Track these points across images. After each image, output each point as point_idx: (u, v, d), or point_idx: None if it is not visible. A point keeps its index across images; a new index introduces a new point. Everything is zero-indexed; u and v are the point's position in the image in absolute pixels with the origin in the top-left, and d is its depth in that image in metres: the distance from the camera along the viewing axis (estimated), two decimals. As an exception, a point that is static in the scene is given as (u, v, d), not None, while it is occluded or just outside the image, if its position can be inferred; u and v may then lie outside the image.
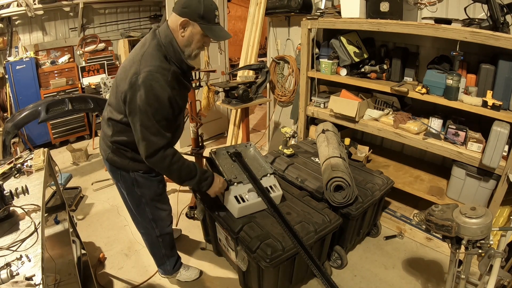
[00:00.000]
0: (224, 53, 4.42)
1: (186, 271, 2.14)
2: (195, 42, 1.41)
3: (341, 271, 2.22)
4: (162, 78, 1.34)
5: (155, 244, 1.95)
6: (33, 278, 1.02)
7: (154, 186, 1.72)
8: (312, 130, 3.02)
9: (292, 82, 3.51)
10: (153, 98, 1.33)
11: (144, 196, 1.72)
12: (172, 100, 1.39)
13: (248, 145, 2.18)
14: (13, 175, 1.68)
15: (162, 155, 1.41)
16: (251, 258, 1.71)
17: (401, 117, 2.43)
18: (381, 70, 2.57)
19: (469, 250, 1.32)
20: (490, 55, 2.12)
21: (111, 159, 1.63)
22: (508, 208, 2.17)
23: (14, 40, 4.11)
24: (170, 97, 1.37)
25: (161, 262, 2.05)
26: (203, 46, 1.44)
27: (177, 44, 1.40)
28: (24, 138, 3.86)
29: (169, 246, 1.99)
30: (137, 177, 1.65)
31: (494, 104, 1.93)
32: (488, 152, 1.94)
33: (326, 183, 2.02)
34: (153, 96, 1.33)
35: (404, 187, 2.51)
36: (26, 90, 3.99)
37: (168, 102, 1.37)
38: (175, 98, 1.42)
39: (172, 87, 1.38)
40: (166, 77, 1.35)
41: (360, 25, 2.40)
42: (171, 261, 2.05)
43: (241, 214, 1.88)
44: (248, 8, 3.52)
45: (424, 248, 2.42)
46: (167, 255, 2.01)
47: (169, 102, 1.38)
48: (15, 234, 1.24)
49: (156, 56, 1.37)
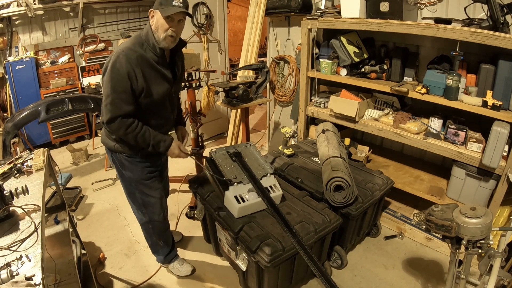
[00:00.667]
0: (224, 53, 4.42)
1: (180, 266, 2.18)
2: (160, 27, 1.55)
3: (341, 271, 2.22)
4: (125, 57, 1.51)
5: (146, 230, 2.05)
6: (33, 278, 1.02)
7: (138, 170, 1.81)
8: (312, 130, 3.02)
9: (292, 82, 3.51)
10: (115, 72, 1.51)
11: (131, 180, 1.84)
12: (132, 77, 1.53)
13: (248, 145, 2.18)
14: (13, 175, 1.67)
15: (119, 124, 1.57)
16: (251, 258, 1.71)
17: (401, 117, 2.43)
18: (381, 70, 2.57)
19: (469, 250, 1.32)
20: (490, 55, 2.12)
21: (103, 141, 1.81)
22: (508, 208, 2.17)
23: (14, 40, 4.10)
24: (130, 73, 1.52)
25: (155, 250, 2.15)
26: (170, 29, 1.55)
27: (152, 33, 1.59)
28: (24, 138, 3.86)
29: (160, 235, 2.05)
30: (122, 159, 1.79)
31: (494, 104, 1.93)
32: (488, 152, 1.94)
33: (326, 183, 2.03)
34: (115, 70, 1.51)
35: (404, 187, 2.51)
36: (26, 90, 3.99)
37: (127, 77, 1.52)
38: (137, 77, 1.54)
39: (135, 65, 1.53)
40: (129, 56, 1.52)
41: (360, 25, 2.40)
42: (164, 251, 2.12)
43: (241, 214, 1.88)
44: (248, 8, 3.52)
45: (424, 248, 2.42)
46: (159, 244, 2.08)
47: (128, 78, 1.52)
48: (15, 234, 1.24)
49: (130, 42, 1.58)
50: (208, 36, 4.13)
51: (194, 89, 2.73)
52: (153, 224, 1.99)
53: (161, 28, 1.55)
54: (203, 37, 4.06)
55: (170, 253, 2.16)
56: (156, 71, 1.62)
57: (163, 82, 1.66)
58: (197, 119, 2.76)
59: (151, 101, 1.65)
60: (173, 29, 1.55)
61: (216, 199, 2.05)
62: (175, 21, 1.55)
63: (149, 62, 1.58)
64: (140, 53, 1.55)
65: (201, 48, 4.08)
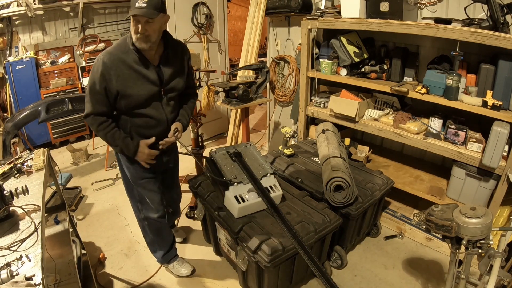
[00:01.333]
0: (224, 53, 4.42)
1: (179, 265, 2.20)
2: (131, 28, 1.57)
3: (341, 271, 2.22)
4: (102, 60, 1.58)
5: (143, 227, 2.10)
6: (33, 278, 1.02)
7: (133, 169, 1.86)
8: (312, 130, 3.02)
9: (292, 82, 3.51)
10: (93, 74, 1.61)
11: (129, 175, 1.91)
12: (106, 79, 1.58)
13: (248, 145, 2.18)
14: (13, 175, 1.68)
15: (92, 120, 1.67)
16: (251, 258, 1.71)
17: (401, 117, 2.43)
18: (381, 70, 2.57)
19: (469, 250, 1.32)
20: (490, 55, 2.12)
21: None
22: (508, 208, 2.17)
23: (14, 40, 4.10)
24: (104, 76, 1.58)
25: (153, 249, 2.19)
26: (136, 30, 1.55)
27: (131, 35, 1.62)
28: (24, 138, 3.86)
29: (156, 233, 2.07)
30: (120, 155, 1.88)
31: (494, 104, 1.93)
32: (488, 152, 1.94)
33: (326, 183, 2.03)
34: (93, 73, 1.61)
35: (404, 187, 2.51)
36: (26, 90, 3.99)
37: (101, 80, 1.58)
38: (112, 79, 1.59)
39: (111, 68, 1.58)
40: (105, 60, 1.58)
41: (360, 25, 2.40)
42: (161, 250, 2.14)
43: (241, 214, 1.88)
44: (248, 8, 3.52)
45: (424, 248, 2.42)
46: (157, 243, 2.12)
47: (102, 80, 1.58)
48: (15, 234, 1.24)
49: (113, 45, 1.66)
50: (208, 36, 4.13)
51: (194, 89, 2.73)
52: (149, 222, 2.02)
53: (132, 30, 1.56)
54: (203, 37, 4.06)
55: (168, 253, 2.16)
56: (136, 72, 1.62)
57: (145, 83, 1.65)
58: (197, 119, 2.76)
59: (131, 102, 1.67)
60: (140, 30, 1.53)
61: (216, 199, 2.05)
62: (141, 22, 1.52)
63: (127, 64, 1.60)
64: (118, 56, 1.59)
65: (201, 48, 4.08)
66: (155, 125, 1.78)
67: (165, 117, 1.79)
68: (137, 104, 1.68)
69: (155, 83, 1.68)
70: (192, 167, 3.13)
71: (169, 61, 1.73)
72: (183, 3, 3.79)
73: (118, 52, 1.60)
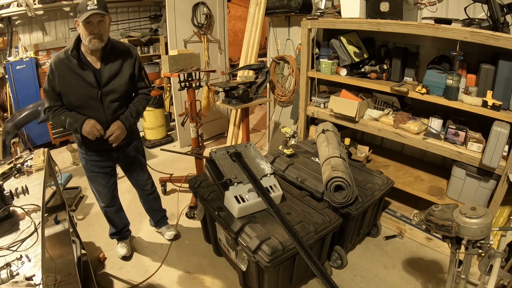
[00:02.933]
0: (224, 53, 4.43)
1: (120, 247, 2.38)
2: (83, 33, 1.70)
3: (341, 271, 2.22)
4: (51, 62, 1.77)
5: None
6: (33, 278, 1.02)
7: (84, 162, 2.07)
8: (312, 130, 3.02)
9: (292, 82, 3.51)
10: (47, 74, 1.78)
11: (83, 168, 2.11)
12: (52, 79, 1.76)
13: (248, 145, 2.18)
14: (13, 175, 1.67)
15: (47, 114, 1.86)
16: (251, 258, 1.71)
17: (401, 117, 2.43)
18: (381, 70, 2.57)
19: (469, 250, 1.32)
20: (490, 55, 2.11)
21: None
22: (508, 208, 2.17)
23: (14, 40, 4.10)
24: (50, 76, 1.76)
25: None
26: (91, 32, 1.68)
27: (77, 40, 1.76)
28: (24, 138, 3.86)
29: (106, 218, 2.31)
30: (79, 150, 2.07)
31: (494, 104, 1.92)
32: (488, 152, 1.94)
33: (326, 183, 2.03)
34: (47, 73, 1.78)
35: (404, 187, 2.51)
36: (26, 90, 3.99)
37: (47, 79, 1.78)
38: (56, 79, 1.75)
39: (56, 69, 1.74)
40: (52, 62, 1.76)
41: (360, 25, 2.40)
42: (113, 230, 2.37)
43: (241, 214, 1.88)
44: (248, 8, 3.52)
45: (424, 248, 2.42)
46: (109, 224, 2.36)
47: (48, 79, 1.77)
48: (15, 234, 1.24)
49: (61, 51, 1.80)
50: (208, 36, 4.13)
51: (194, 89, 2.73)
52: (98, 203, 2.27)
53: (84, 33, 1.69)
54: (203, 37, 4.06)
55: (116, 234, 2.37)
56: (76, 74, 1.76)
57: (83, 85, 1.77)
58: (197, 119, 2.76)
59: (71, 102, 1.81)
60: (94, 31, 1.68)
61: (216, 199, 2.05)
62: (94, 23, 1.67)
63: (69, 67, 1.74)
64: (62, 58, 1.74)
65: (201, 48, 4.08)
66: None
67: (104, 119, 1.87)
68: (77, 105, 1.82)
69: (93, 85, 1.79)
70: (192, 167, 3.13)
71: (110, 64, 1.83)
72: (183, 3, 3.79)
73: (63, 55, 1.75)
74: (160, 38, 4.98)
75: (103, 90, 1.82)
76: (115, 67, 1.84)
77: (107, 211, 2.26)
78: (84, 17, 1.62)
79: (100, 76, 1.81)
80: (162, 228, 2.56)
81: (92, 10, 1.63)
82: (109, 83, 1.84)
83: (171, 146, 4.40)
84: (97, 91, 1.81)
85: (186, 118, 2.80)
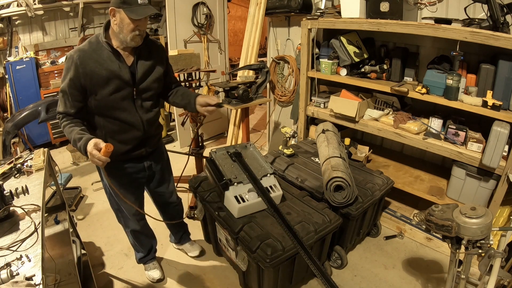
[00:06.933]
0: (224, 53, 4.43)
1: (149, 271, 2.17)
2: (126, 27, 1.46)
3: (341, 271, 2.22)
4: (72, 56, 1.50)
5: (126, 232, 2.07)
6: (33, 278, 1.02)
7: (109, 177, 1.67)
8: (312, 130, 3.02)
9: (292, 82, 3.51)
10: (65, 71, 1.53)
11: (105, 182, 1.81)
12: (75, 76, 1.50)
13: (248, 145, 2.18)
14: (13, 175, 1.68)
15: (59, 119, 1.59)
16: (251, 258, 1.71)
17: (401, 117, 2.43)
18: (381, 70, 2.57)
19: (469, 250, 1.32)
20: (490, 55, 2.11)
21: None
22: (508, 208, 2.17)
23: (14, 40, 4.11)
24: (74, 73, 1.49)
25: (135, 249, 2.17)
26: (137, 28, 1.47)
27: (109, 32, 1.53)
28: (24, 138, 3.85)
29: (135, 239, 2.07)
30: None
31: (494, 104, 1.92)
32: (488, 152, 1.94)
33: (326, 183, 2.02)
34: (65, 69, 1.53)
35: (404, 187, 2.51)
36: (26, 90, 3.99)
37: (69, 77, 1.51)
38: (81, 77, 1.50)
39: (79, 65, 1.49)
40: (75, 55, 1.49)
41: (360, 25, 2.39)
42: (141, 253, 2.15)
43: (241, 214, 1.88)
44: (248, 8, 3.52)
45: (424, 248, 2.42)
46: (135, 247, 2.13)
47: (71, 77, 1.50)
48: (15, 234, 1.24)
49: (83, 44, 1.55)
50: (208, 36, 4.13)
51: (194, 89, 2.73)
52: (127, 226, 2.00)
53: (127, 28, 1.46)
54: (203, 37, 4.06)
55: (146, 257, 2.16)
56: (107, 71, 1.52)
57: (117, 82, 1.55)
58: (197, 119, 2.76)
59: (100, 103, 1.57)
60: (141, 28, 1.48)
61: (216, 199, 2.05)
62: (142, 19, 1.46)
63: (97, 61, 1.51)
64: (90, 53, 1.50)
65: (201, 48, 4.08)
66: (129, 129, 1.66)
67: (139, 120, 1.67)
68: (107, 105, 1.58)
69: (128, 82, 1.58)
70: (192, 167, 3.13)
71: (143, 60, 1.63)
72: (183, 3, 3.79)
73: (90, 49, 1.51)
74: (160, 38, 4.98)
75: (138, 88, 1.62)
76: (148, 63, 1.65)
77: (141, 233, 2.02)
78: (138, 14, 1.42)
79: (135, 72, 1.60)
80: (185, 245, 2.37)
81: (144, 6, 1.44)
82: (144, 80, 1.64)
83: (171, 146, 4.40)
84: (131, 90, 1.60)
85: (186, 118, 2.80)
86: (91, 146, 1.41)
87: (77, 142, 1.48)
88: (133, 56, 1.60)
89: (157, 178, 1.94)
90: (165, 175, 2.00)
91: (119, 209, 1.92)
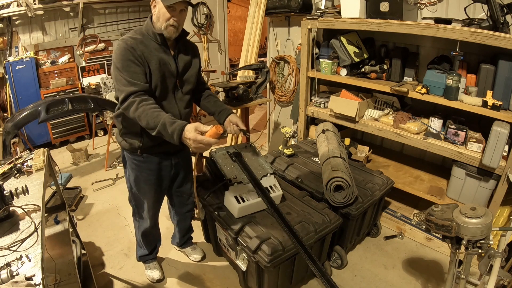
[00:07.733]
0: (224, 53, 4.43)
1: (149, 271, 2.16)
2: (161, 16, 1.52)
3: (341, 271, 2.22)
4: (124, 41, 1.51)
5: (135, 224, 2.08)
6: (33, 278, 1.02)
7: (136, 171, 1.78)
8: (312, 130, 3.02)
9: (292, 82, 3.51)
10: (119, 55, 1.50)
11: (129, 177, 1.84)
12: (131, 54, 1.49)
13: (248, 145, 2.18)
14: (13, 175, 1.67)
15: (130, 102, 1.47)
16: (251, 258, 1.71)
17: (401, 117, 2.43)
18: (381, 70, 2.57)
19: (469, 250, 1.32)
20: (490, 55, 2.12)
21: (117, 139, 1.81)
22: (508, 208, 2.17)
23: (14, 40, 4.10)
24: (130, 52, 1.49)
25: (138, 245, 2.18)
26: (171, 18, 1.52)
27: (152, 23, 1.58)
28: (24, 138, 3.86)
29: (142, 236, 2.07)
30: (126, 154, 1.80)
31: (494, 104, 1.93)
32: (488, 152, 1.94)
33: (326, 183, 2.02)
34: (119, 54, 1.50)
35: (404, 187, 2.51)
36: (26, 90, 3.99)
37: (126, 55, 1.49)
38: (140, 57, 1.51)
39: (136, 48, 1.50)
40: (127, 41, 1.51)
41: (360, 25, 2.40)
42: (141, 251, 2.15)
43: (241, 214, 1.88)
44: (248, 8, 3.52)
45: (424, 248, 2.42)
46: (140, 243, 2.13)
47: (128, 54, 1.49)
48: (15, 234, 1.24)
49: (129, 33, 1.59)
50: (208, 36, 4.13)
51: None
52: (140, 222, 2.02)
53: (163, 18, 1.51)
54: (203, 37, 4.06)
55: (146, 256, 2.16)
56: (157, 58, 1.56)
57: (164, 70, 1.58)
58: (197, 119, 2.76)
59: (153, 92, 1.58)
60: (175, 19, 1.52)
61: (216, 199, 2.05)
62: (177, 10, 1.51)
63: (148, 48, 1.54)
64: (140, 39, 1.53)
65: (201, 48, 4.09)
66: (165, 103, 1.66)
67: (178, 112, 1.68)
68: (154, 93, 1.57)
69: (173, 72, 1.62)
70: (192, 167, 3.13)
71: (182, 54, 1.68)
72: (183, 3, 3.78)
73: (138, 39, 1.53)
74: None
75: (181, 79, 1.67)
76: (187, 58, 1.69)
77: (151, 232, 2.04)
78: (170, 1, 1.46)
79: (176, 63, 1.64)
80: (187, 249, 2.36)
81: None
82: (186, 73, 1.69)
83: (171, 146, 4.40)
84: (175, 80, 1.64)
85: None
86: (193, 132, 1.34)
87: (168, 126, 1.38)
88: (173, 50, 1.65)
89: (180, 177, 1.98)
90: (188, 175, 2.05)
91: (137, 205, 1.95)
